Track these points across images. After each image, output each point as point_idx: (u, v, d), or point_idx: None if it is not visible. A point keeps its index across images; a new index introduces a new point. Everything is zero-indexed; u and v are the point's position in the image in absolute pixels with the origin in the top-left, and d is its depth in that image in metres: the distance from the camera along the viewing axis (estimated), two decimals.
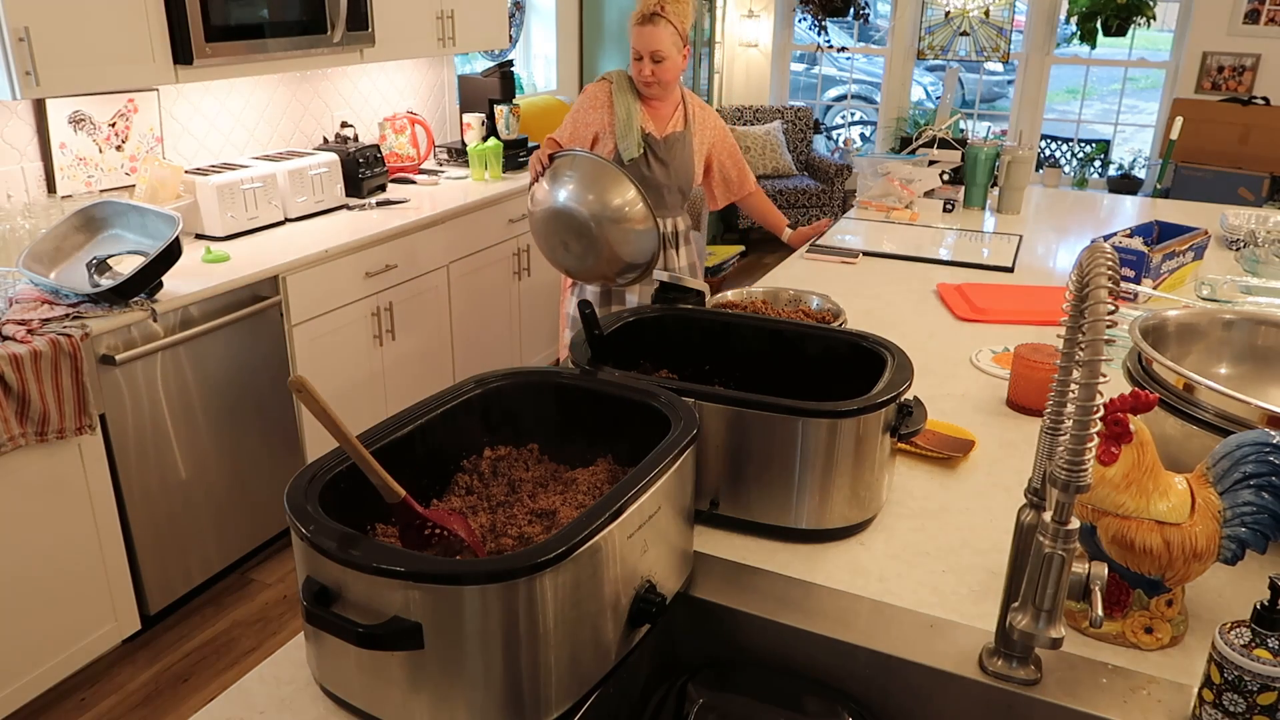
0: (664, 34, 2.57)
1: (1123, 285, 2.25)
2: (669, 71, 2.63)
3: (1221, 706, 0.92)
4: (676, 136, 2.73)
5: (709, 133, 2.81)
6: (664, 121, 2.74)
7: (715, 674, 1.10)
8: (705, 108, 2.82)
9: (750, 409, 1.22)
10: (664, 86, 2.66)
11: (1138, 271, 2.27)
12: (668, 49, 2.59)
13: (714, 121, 2.83)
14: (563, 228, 2.46)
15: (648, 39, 2.58)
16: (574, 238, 2.45)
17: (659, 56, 2.58)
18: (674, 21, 2.57)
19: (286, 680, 1.02)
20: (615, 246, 2.43)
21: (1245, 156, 5.90)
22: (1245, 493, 1.05)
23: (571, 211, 2.43)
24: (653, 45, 2.58)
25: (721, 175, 2.89)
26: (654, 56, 2.59)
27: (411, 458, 1.11)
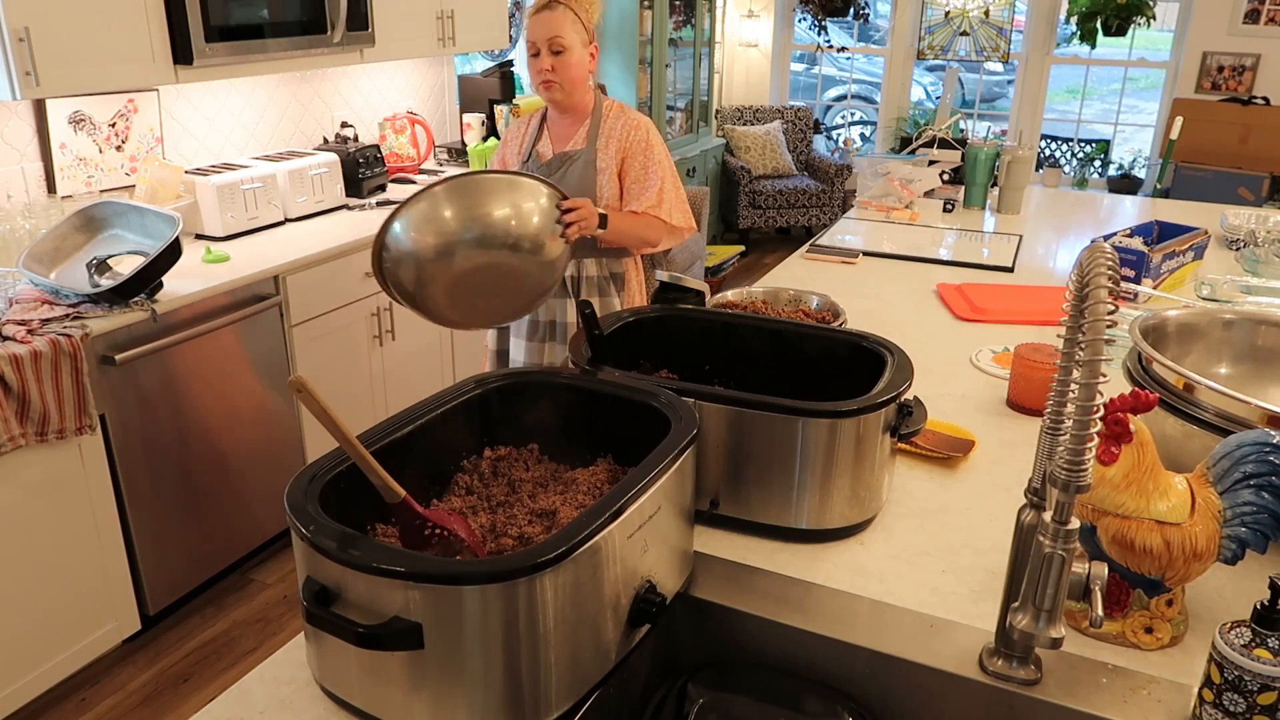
0: (565, 20, 2.19)
1: (1123, 285, 2.25)
2: (573, 68, 2.21)
3: (1221, 706, 0.92)
4: (569, 156, 2.28)
5: (622, 142, 2.28)
6: (567, 140, 2.31)
7: (715, 674, 1.10)
8: (626, 113, 2.33)
9: (750, 409, 1.22)
10: (567, 88, 2.22)
11: (1138, 271, 2.27)
12: (570, 39, 2.19)
13: (634, 133, 2.29)
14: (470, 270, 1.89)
15: (544, 25, 2.19)
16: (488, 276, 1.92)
17: (558, 45, 2.18)
18: (577, 10, 2.21)
19: (286, 680, 1.02)
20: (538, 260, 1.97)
21: (1245, 156, 5.90)
22: (1245, 492, 1.05)
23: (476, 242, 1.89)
24: (551, 31, 2.18)
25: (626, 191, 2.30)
26: (553, 45, 2.19)
27: (411, 458, 1.11)
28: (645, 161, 2.28)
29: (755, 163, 6.41)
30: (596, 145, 2.28)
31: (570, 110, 2.30)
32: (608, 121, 2.31)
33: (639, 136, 2.29)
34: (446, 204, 1.88)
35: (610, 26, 5.36)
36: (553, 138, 2.34)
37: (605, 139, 2.29)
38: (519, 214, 1.94)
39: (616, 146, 2.28)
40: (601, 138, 2.29)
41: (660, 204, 2.26)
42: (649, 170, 2.28)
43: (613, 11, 5.33)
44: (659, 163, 2.29)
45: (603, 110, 2.33)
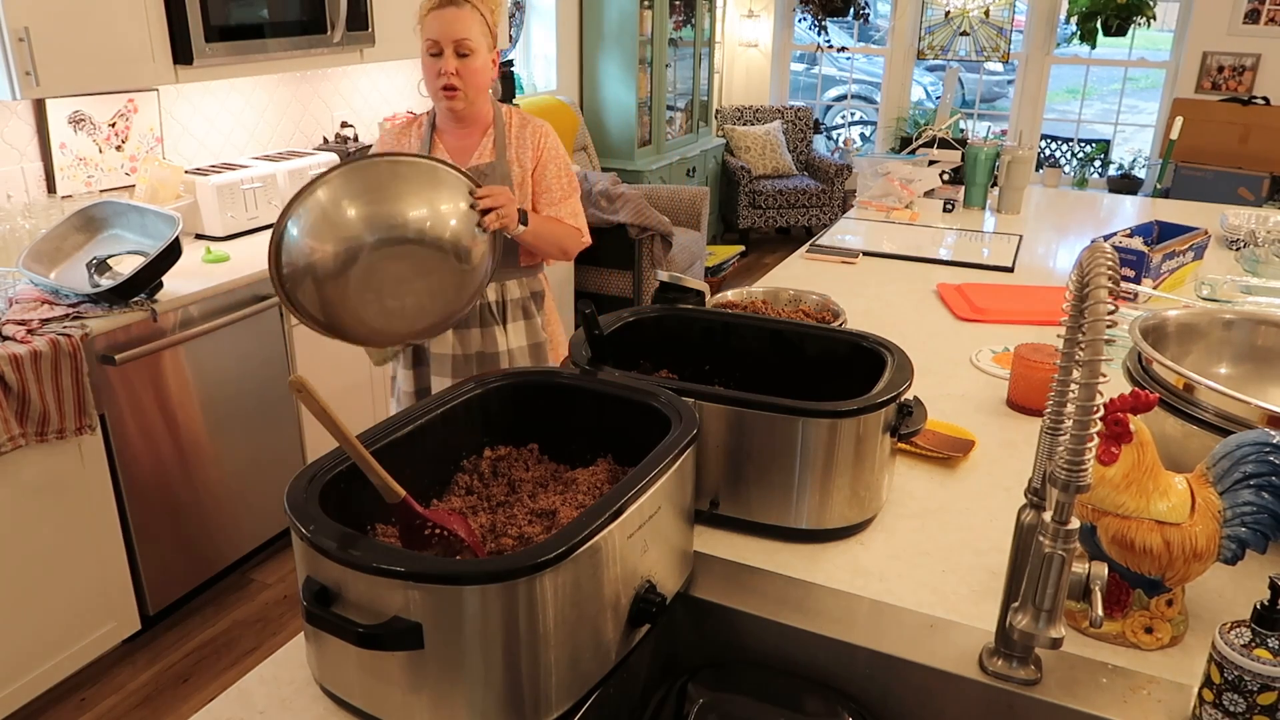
0: (472, 20, 1.95)
1: (1123, 285, 2.25)
2: (479, 74, 1.99)
3: (1221, 706, 0.92)
4: (480, 171, 2.03)
5: (533, 151, 2.11)
6: (468, 153, 2.07)
7: (715, 674, 1.10)
8: (530, 122, 2.13)
9: (750, 409, 1.22)
10: (471, 96, 2.00)
11: (1138, 271, 2.27)
12: (477, 41, 1.96)
13: (545, 140, 2.12)
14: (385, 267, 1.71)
15: (450, 23, 1.94)
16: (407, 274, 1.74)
17: (465, 48, 1.94)
18: (484, 10, 1.99)
19: (286, 680, 1.02)
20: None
21: (1245, 156, 5.90)
22: (1245, 492, 1.05)
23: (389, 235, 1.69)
24: (458, 32, 1.94)
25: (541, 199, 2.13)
26: (459, 48, 1.94)
27: (411, 458, 1.11)
28: (557, 169, 2.13)
29: (755, 163, 6.42)
30: (507, 157, 2.08)
31: (468, 120, 2.07)
32: (513, 130, 2.11)
33: (550, 144, 2.13)
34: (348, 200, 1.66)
35: (610, 26, 5.36)
36: (450, 150, 2.08)
37: (515, 149, 2.10)
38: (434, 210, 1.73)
39: (530, 156, 2.10)
40: (511, 149, 2.09)
41: (577, 214, 2.15)
42: (561, 179, 2.13)
43: (613, 11, 5.33)
44: (567, 169, 2.14)
45: (504, 119, 2.12)
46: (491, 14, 2.01)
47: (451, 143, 2.08)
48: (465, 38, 1.95)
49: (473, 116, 2.07)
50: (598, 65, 5.47)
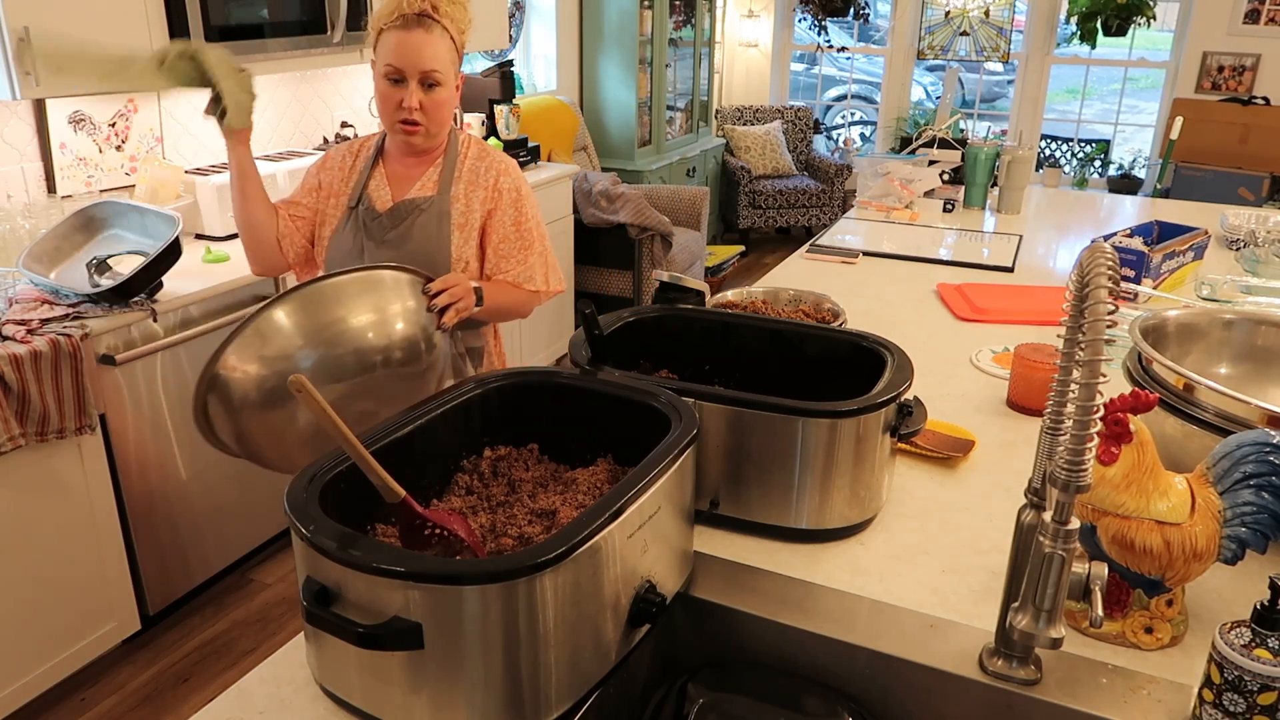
0: (442, 46, 1.68)
1: (1123, 285, 2.25)
2: (444, 106, 1.73)
3: (1221, 706, 0.92)
4: (415, 205, 1.78)
5: (488, 192, 1.81)
6: (409, 182, 1.81)
7: (715, 674, 1.10)
8: (488, 154, 1.85)
9: (750, 409, 1.22)
10: (434, 131, 1.75)
11: (1138, 271, 2.27)
12: (447, 71, 1.71)
13: (503, 181, 1.82)
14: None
15: (417, 51, 1.66)
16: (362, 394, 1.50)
17: (433, 79, 1.68)
18: (453, 30, 1.72)
19: (286, 680, 1.02)
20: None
21: (1245, 156, 5.91)
22: (1245, 493, 1.05)
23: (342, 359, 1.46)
24: (426, 62, 1.66)
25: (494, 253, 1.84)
26: (426, 79, 1.68)
27: (411, 458, 1.11)
28: (517, 218, 1.82)
29: (755, 163, 6.41)
30: (451, 193, 1.80)
31: (422, 149, 1.81)
32: (466, 163, 1.83)
33: (508, 186, 1.82)
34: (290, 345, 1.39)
35: (610, 26, 5.36)
36: (390, 178, 1.82)
37: (465, 186, 1.81)
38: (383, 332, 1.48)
39: (481, 197, 1.81)
40: (459, 184, 1.81)
41: (534, 275, 1.85)
42: (521, 230, 1.83)
43: (613, 11, 5.33)
44: (531, 219, 1.85)
45: (459, 148, 1.84)
46: (461, 34, 1.76)
47: (396, 170, 1.83)
48: (434, 69, 1.68)
49: (427, 145, 1.81)
50: (598, 65, 5.47)
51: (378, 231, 1.78)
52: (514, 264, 1.84)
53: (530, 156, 4.17)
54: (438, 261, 1.76)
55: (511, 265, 1.84)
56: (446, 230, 1.78)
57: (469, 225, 1.81)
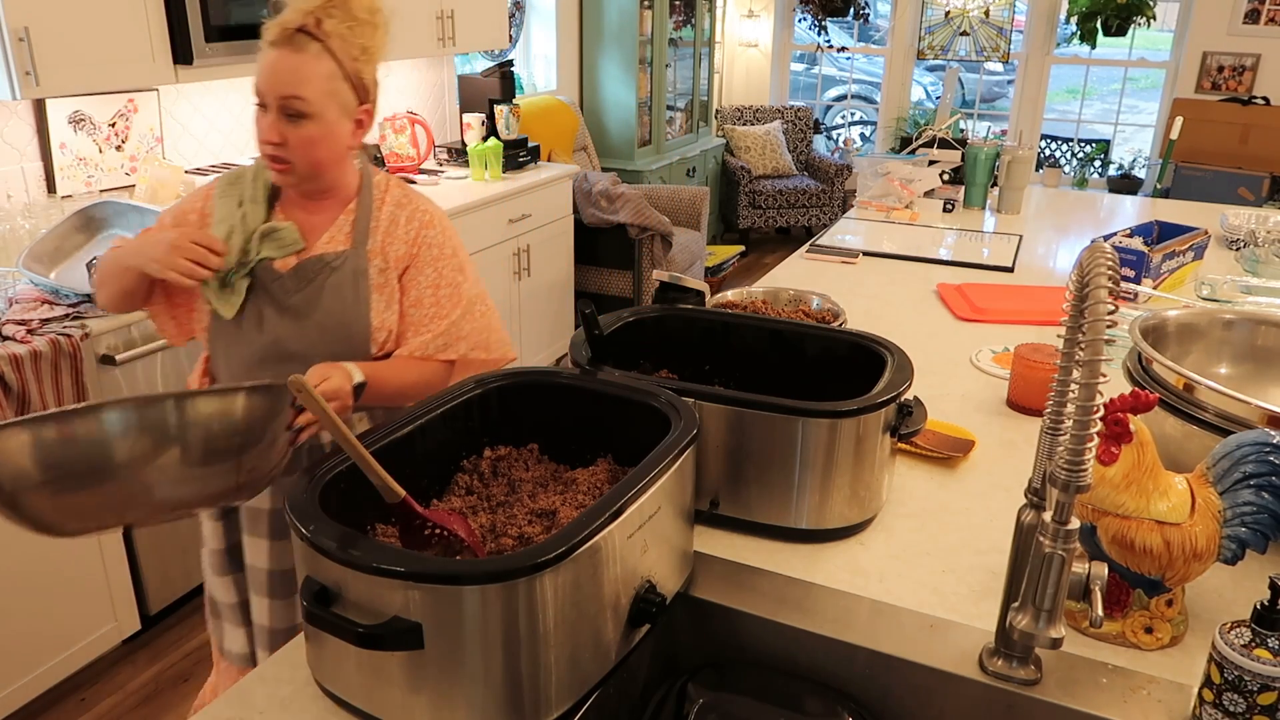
0: (314, 70, 1.38)
1: (1123, 285, 2.25)
2: (318, 146, 1.42)
3: (1221, 706, 0.92)
4: (325, 263, 1.48)
5: (408, 247, 1.53)
6: (316, 233, 1.51)
7: (715, 674, 1.10)
8: (411, 200, 1.56)
9: (750, 409, 1.22)
10: (304, 173, 1.45)
11: (1138, 271, 2.27)
12: (317, 102, 1.39)
13: (425, 234, 1.54)
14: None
15: (278, 74, 1.38)
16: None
17: (296, 108, 1.38)
18: (341, 53, 1.41)
19: (286, 680, 1.02)
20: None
21: (1245, 156, 5.91)
22: (1245, 493, 1.05)
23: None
24: (286, 86, 1.37)
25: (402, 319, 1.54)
26: (287, 107, 1.38)
27: (411, 458, 1.11)
28: (436, 279, 1.53)
29: (755, 163, 6.42)
30: (368, 247, 1.50)
31: (319, 193, 1.51)
32: (384, 211, 1.53)
33: (430, 240, 1.54)
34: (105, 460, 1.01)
35: (610, 26, 5.36)
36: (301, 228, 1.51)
37: (383, 238, 1.52)
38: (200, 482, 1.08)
39: (401, 252, 1.52)
40: (376, 236, 1.52)
41: (451, 344, 1.55)
42: (439, 293, 1.54)
43: (613, 11, 5.33)
44: (453, 280, 1.55)
45: (374, 193, 1.54)
46: (355, 60, 1.43)
47: (299, 217, 1.51)
48: (295, 95, 1.37)
49: (327, 188, 1.51)
50: (598, 65, 5.47)
51: (280, 295, 1.46)
52: (422, 331, 1.52)
53: (530, 156, 4.17)
54: (354, 332, 1.48)
55: (420, 333, 1.52)
56: (364, 293, 1.48)
57: (389, 286, 1.51)
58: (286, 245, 1.48)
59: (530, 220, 3.97)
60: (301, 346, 1.48)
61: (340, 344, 1.48)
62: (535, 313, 4.16)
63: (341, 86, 1.42)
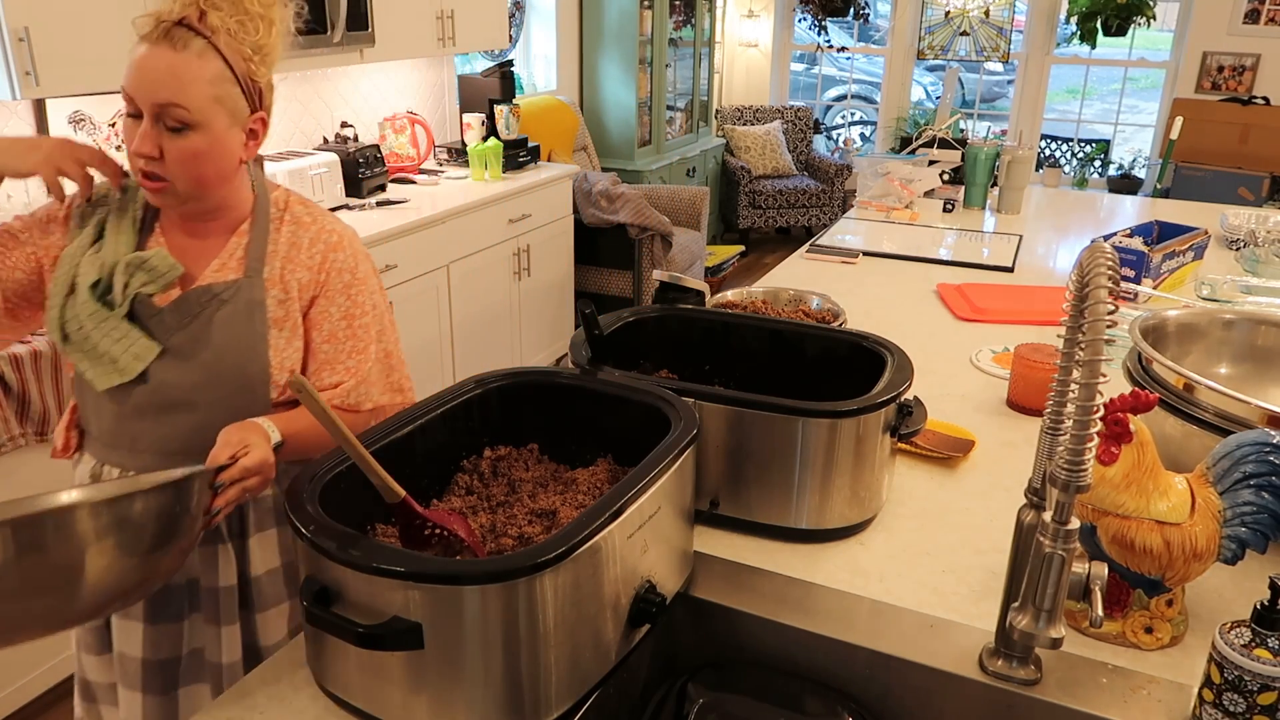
0: (198, 71, 1.17)
1: (1123, 285, 2.25)
2: (202, 161, 1.21)
3: (1221, 706, 0.92)
4: (208, 295, 1.27)
5: (314, 273, 1.33)
6: (204, 260, 1.30)
7: (715, 674, 1.10)
8: (315, 219, 1.36)
9: (750, 409, 1.22)
10: (185, 191, 1.23)
11: (1138, 271, 2.27)
12: (200, 104, 1.18)
13: (334, 258, 1.34)
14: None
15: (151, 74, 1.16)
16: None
17: (177, 117, 1.17)
18: (225, 50, 1.19)
19: (286, 680, 1.02)
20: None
21: (1245, 156, 5.91)
22: (1245, 492, 1.05)
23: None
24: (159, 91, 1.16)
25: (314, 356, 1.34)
26: (166, 116, 1.17)
27: (411, 458, 1.11)
28: (349, 307, 1.34)
29: (755, 163, 6.41)
30: (265, 275, 1.30)
31: (205, 213, 1.30)
32: (283, 232, 1.33)
33: (341, 264, 1.34)
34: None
35: (610, 26, 5.36)
36: (175, 250, 1.30)
37: (282, 264, 1.31)
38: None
39: (305, 279, 1.32)
40: (274, 262, 1.31)
41: (370, 390, 1.35)
42: (354, 323, 1.34)
43: (613, 11, 5.33)
44: (369, 308, 1.36)
45: (271, 212, 1.34)
46: (248, 60, 1.23)
47: (181, 242, 1.30)
48: (173, 102, 1.16)
49: (214, 209, 1.29)
50: (598, 65, 5.47)
51: (159, 333, 1.25)
52: (341, 372, 1.33)
53: (530, 156, 4.17)
54: (251, 374, 1.28)
55: (338, 374, 1.33)
56: (261, 328, 1.28)
57: (291, 319, 1.31)
58: (162, 275, 1.25)
59: (530, 220, 3.97)
60: (188, 393, 1.26)
61: (235, 389, 1.28)
62: (535, 313, 4.16)
63: (231, 91, 1.21)
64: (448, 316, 3.57)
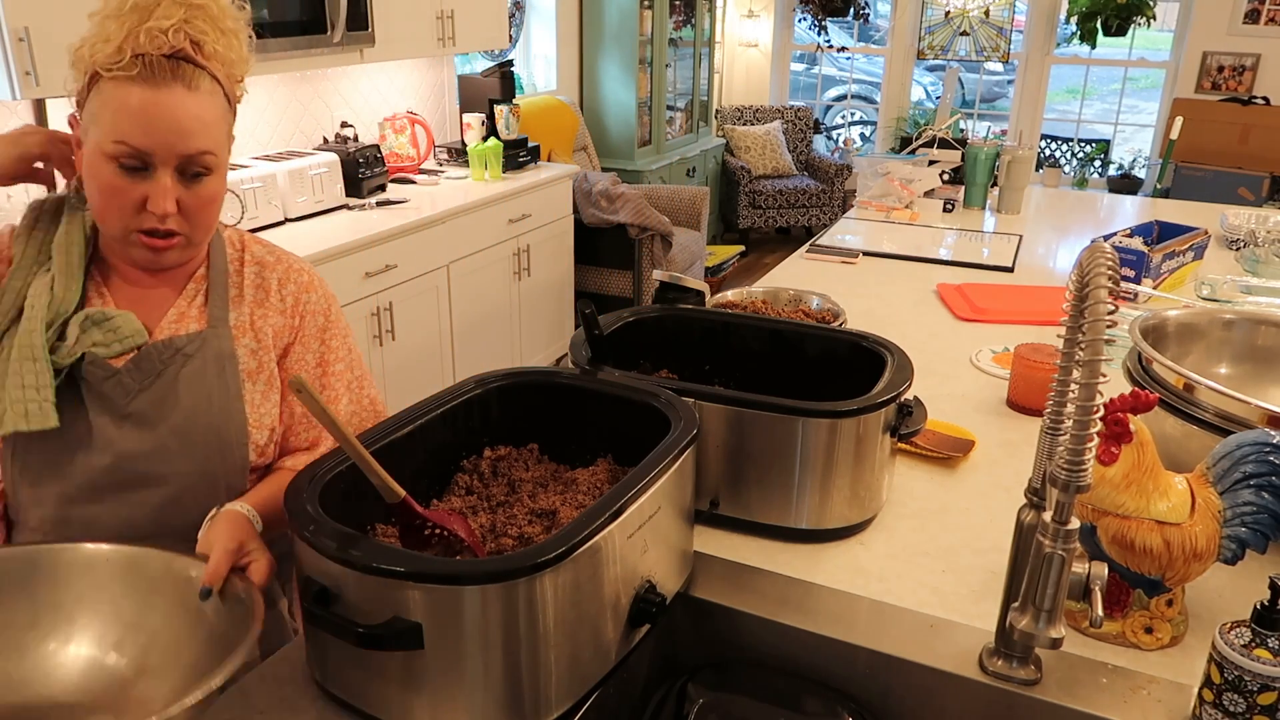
0: (211, 109, 1.07)
1: (1123, 285, 2.25)
2: (216, 204, 1.13)
3: (1221, 706, 0.92)
4: (171, 350, 1.14)
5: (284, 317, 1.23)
6: (158, 310, 1.16)
7: (715, 674, 1.10)
8: (281, 264, 1.25)
9: (750, 409, 1.22)
10: (197, 241, 1.14)
11: (1138, 271, 2.27)
12: (220, 148, 1.10)
13: (306, 299, 1.25)
14: None
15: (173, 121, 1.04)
16: None
17: (202, 165, 1.07)
18: (223, 80, 1.10)
19: (286, 680, 1.02)
20: None
21: (1245, 156, 5.91)
22: (1245, 492, 1.05)
23: None
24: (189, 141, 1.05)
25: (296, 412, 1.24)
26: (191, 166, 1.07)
27: (411, 458, 1.11)
28: (323, 354, 1.25)
29: (755, 163, 6.41)
30: (232, 323, 1.18)
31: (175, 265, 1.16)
32: (247, 274, 1.21)
33: (314, 306, 1.24)
34: None
35: (610, 26, 5.36)
36: (122, 302, 1.15)
37: (250, 310, 1.20)
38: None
39: (278, 325, 1.21)
40: (241, 308, 1.19)
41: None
42: (328, 372, 1.25)
43: (613, 11, 5.33)
44: (341, 356, 1.28)
45: (228, 252, 1.22)
46: (237, 83, 1.13)
47: (128, 291, 1.15)
48: (206, 150, 1.06)
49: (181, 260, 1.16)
50: (598, 65, 5.47)
51: (118, 397, 1.10)
52: (315, 429, 1.24)
53: (530, 156, 4.18)
54: (227, 438, 1.15)
55: (312, 431, 1.24)
56: (234, 383, 1.15)
57: (266, 370, 1.18)
58: (123, 339, 1.10)
59: (530, 220, 3.97)
60: (155, 464, 1.12)
61: (209, 454, 1.14)
62: (535, 313, 4.16)
63: (231, 121, 1.12)
64: (448, 316, 3.57)
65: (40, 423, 1.06)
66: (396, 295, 3.25)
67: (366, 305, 3.12)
